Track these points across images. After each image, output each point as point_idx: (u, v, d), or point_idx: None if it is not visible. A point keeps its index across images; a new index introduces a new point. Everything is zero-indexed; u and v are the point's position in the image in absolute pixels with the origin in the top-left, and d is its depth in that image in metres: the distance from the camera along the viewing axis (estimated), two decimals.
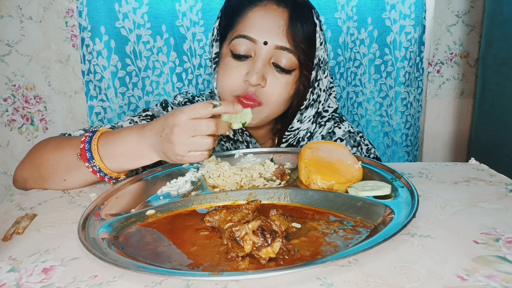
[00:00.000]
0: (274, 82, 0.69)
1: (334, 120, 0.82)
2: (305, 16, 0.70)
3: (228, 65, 0.70)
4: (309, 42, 0.70)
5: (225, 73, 0.71)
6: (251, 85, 0.67)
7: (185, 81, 1.32)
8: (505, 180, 0.57)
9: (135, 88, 1.29)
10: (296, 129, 0.75)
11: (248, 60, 0.69)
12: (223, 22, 0.74)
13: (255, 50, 0.68)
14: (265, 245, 0.38)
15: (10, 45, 1.38)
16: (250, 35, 0.68)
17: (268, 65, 0.69)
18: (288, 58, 0.68)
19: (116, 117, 1.29)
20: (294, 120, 0.74)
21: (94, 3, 1.18)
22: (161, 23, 1.24)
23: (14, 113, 1.45)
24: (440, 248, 0.39)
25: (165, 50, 1.27)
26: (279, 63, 0.68)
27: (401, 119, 1.34)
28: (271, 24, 0.68)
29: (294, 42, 0.68)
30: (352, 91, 1.37)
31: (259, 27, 0.68)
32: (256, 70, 0.67)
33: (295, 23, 0.68)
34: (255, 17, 0.69)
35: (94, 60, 1.22)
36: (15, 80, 1.42)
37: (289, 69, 0.69)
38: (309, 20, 0.70)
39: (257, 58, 0.68)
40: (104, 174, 0.60)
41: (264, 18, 0.68)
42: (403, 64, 1.29)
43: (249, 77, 0.67)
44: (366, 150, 0.81)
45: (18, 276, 0.39)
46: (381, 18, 1.27)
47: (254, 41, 0.68)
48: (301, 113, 0.73)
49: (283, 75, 0.69)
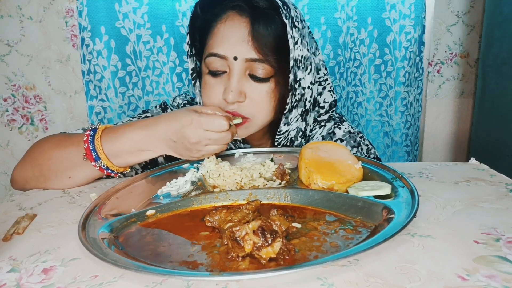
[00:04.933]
0: (254, 94, 0.67)
1: (334, 120, 0.81)
2: (269, 19, 0.66)
3: (207, 83, 0.70)
4: (280, 44, 0.66)
5: (205, 92, 0.70)
6: (228, 103, 0.67)
7: (185, 81, 1.32)
8: (506, 180, 0.57)
9: (135, 88, 1.29)
10: (285, 132, 0.73)
11: (224, 76, 0.68)
12: (195, 36, 0.73)
13: (228, 65, 0.67)
14: (265, 245, 0.38)
15: (10, 45, 1.38)
16: (220, 53, 0.66)
17: (245, 78, 0.67)
18: (262, 67, 0.66)
19: (116, 117, 1.29)
20: (280, 124, 0.72)
21: (94, 3, 1.18)
22: (161, 23, 1.24)
23: (14, 113, 1.45)
24: (440, 248, 0.39)
25: (165, 50, 1.27)
26: (255, 73, 0.67)
27: (401, 119, 1.34)
28: (236, 36, 0.65)
29: (262, 50, 0.65)
30: (352, 91, 1.37)
31: (226, 42, 0.66)
32: (232, 88, 0.66)
33: (258, 31, 0.65)
34: (220, 31, 0.67)
35: (94, 60, 1.22)
36: (15, 80, 1.42)
37: (265, 77, 0.67)
38: (275, 22, 0.66)
39: (232, 74, 0.66)
40: (112, 171, 0.63)
41: (229, 32, 0.66)
42: (403, 64, 1.29)
43: (226, 95, 0.66)
44: (366, 151, 0.80)
45: (18, 276, 0.39)
46: (381, 18, 1.27)
47: (224, 58, 0.66)
48: (285, 116, 0.71)
49: (261, 84, 0.67)
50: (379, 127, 1.39)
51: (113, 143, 0.61)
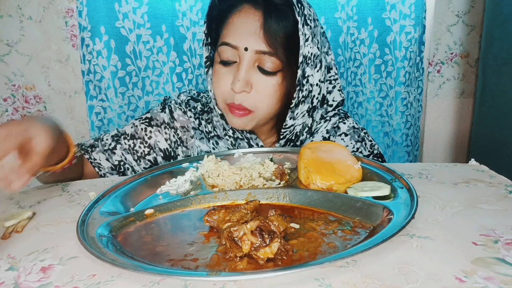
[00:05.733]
0: (260, 86, 0.69)
1: (339, 115, 0.83)
2: (282, 15, 0.67)
3: (218, 72, 0.71)
4: (290, 40, 0.68)
5: (216, 80, 0.72)
6: (235, 92, 0.68)
7: (185, 81, 1.32)
8: (505, 182, 0.57)
9: (135, 88, 1.29)
10: (290, 126, 0.74)
11: (234, 66, 0.70)
12: (212, 26, 0.75)
13: (239, 56, 0.69)
14: (263, 246, 0.38)
15: (10, 45, 1.38)
16: (232, 42, 0.68)
17: (253, 69, 0.69)
18: (270, 60, 0.68)
19: (116, 117, 1.29)
20: (286, 118, 0.73)
21: (94, 3, 1.18)
22: (161, 23, 1.24)
23: (14, 113, 1.45)
24: (439, 250, 0.39)
25: (165, 50, 1.27)
26: (263, 66, 0.68)
27: (401, 119, 1.34)
28: (248, 28, 0.67)
29: (272, 44, 0.67)
30: (352, 91, 1.37)
31: (238, 33, 0.68)
32: (239, 77, 0.67)
33: (269, 25, 0.66)
34: (234, 22, 0.69)
35: (94, 60, 1.22)
36: (15, 80, 1.42)
37: (273, 71, 0.69)
38: (288, 18, 0.68)
39: (241, 64, 0.68)
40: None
41: (242, 23, 0.68)
42: (403, 64, 1.29)
43: (233, 85, 0.68)
44: (370, 146, 0.81)
45: (17, 275, 0.39)
46: (381, 18, 1.27)
47: (236, 48, 0.68)
48: (291, 111, 0.72)
49: (268, 77, 0.69)
50: (380, 127, 1.39)
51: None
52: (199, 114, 0.83)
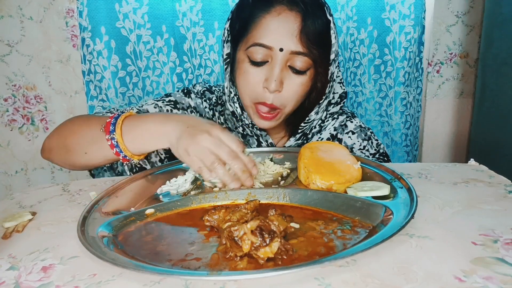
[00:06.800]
0: (290, 85, 0.71)
1: (346, 114, 0.85)
2: (317, 16, 0.70)
3: (247, 72, 0.71)
4: (323, 41, 0.70)
5: (245, 80, 0.72)
6: (269, 92, 0.69)
7: (185, 81, 1.32)
8: (504, 182, 0.57)
9: (136, 88, 1.29)
10: (313, 120, 0.77)
11: (265, 66, 0.70)
12: (235, 24, 0.74)
13: (271, 56, 0.69)
14: (263, 245, 0.38)
15: (10, 45, 1.38)
16: (266, 43, 0.69)
17: (285, 68, 0.70)
18: (303, 60, 0.69)
19: None
20: (311, 113, 0.76)
21: (94, 3, 1.18)
22: (161, 23, 1.24)
23: (14, 113, 1.45)
24: (438, 249, 0.39)
25: (165, 50, 1.27)
26: (295, 66, 0.70)
27: (400, 119, 1.34)
28: (285, 30, 0.68)
29: (307, 45, 0.68)
30: (352, 91, 1.37)
31: (273, 34, 0.68)
32: (275, 77, 0.68)
33: (308, 27, 0.68)
34: (269, 23, 0.69)
35: (95, 60, 1.22)
36: (16, 80, 1.42)
37: (303, 70, 0.71)
38: (322, 19, 0.70)
39: (274, 64, 0.69)
40: (120, 151, 0.61)
41: (278, 24, 0.68)
42: (402, 64, 1.29)
43: (268, 84, 0.69)
44: (376, 145, 0.83)
45: (17, 274, 0.39)
46: (381, 19, 1.27)
47: (270, 48, 0.69)
48: (319, 105, 0.76)
49: (299, 76, 0.71)
50: (379, 127, 1.39)
51: (133, 123, 0.61)
52: (213, 106, 0.84)
